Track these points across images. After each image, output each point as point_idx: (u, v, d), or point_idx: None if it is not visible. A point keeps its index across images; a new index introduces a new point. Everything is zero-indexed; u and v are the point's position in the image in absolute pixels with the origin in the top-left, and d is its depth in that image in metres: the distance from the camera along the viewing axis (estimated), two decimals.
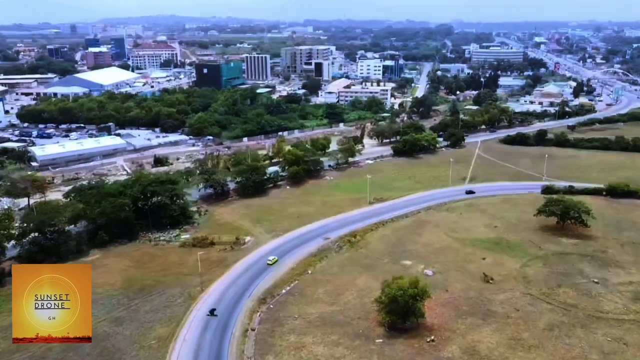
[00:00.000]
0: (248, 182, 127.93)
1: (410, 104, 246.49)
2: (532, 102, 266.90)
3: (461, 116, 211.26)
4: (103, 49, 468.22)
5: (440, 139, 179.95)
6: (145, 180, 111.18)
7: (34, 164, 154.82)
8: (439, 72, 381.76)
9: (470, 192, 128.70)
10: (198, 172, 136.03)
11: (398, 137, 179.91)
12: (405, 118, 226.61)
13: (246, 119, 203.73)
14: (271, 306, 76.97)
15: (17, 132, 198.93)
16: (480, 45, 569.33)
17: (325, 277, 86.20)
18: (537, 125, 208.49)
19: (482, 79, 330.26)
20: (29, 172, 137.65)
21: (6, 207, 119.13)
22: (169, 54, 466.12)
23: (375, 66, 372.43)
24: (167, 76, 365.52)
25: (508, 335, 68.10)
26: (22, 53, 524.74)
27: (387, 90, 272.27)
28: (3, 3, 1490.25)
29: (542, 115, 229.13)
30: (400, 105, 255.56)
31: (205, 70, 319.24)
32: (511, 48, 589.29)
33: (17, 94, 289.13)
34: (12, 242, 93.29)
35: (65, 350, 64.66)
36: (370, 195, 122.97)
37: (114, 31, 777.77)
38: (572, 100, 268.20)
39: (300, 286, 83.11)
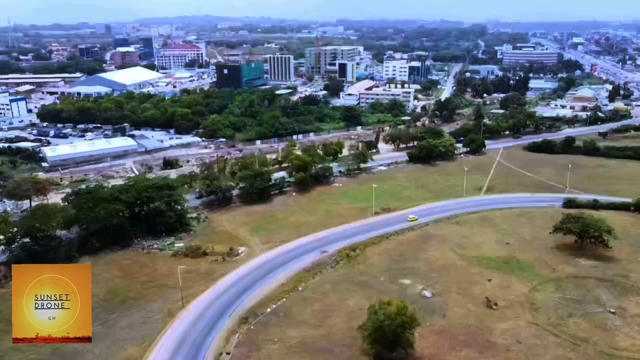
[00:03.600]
0: (251, 189, 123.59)
1: (433, 107, 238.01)
2: (563, 107, 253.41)
3: (485, 120, 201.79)
4: (130, 48, 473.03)
5: (460, 145, 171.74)
6: (140, 185, 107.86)
7: (44, 164, 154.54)
8: (467, 74, 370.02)
9: (568, 200, 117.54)
10: (202, 177, 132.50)
11: (415, 142, 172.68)
12: (427, 122, 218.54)
13: (261, 121, 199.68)
14: (252, 327, 71.95)
15: (35, 132, 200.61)
16: (513, 46, 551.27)
17: (315, 295, 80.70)
18: (565, 132, 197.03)
19: (511, 81, 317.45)
20: (33, 174, 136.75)
21: (8, 209, 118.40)
22: (194, 53, 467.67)
23: (401, 67, 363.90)
24: (190, 76, 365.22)
25: None
26: (55, 52, 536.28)
27: (409, 93, 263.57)
28: (44, 5, 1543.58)
29: (572, 121, 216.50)
30: (423, 108, 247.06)
31: (225, 71, 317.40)
32: (546, 49, 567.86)
33: (42, 92, 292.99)
34: (1, 247, 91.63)
35: None
36: (377, 205, 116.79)
37: (147, 31, 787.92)
38: (607, 105, 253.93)
39: (287, 305, 77.85)
